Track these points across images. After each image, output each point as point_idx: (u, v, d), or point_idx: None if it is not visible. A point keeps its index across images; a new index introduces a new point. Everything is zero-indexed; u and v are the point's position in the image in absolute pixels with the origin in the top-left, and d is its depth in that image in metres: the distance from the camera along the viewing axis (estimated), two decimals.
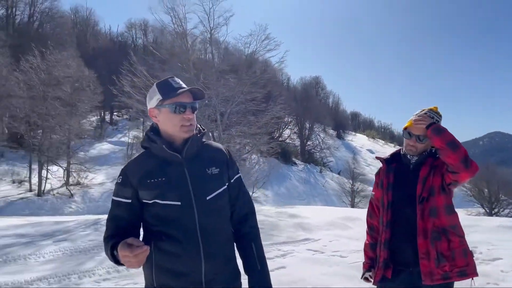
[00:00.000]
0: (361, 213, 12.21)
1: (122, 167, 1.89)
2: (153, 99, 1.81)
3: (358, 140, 69.98)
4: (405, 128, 2.48)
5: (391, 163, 2.58)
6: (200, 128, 1.90)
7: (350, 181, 37.94)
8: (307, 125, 54.54)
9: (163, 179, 1.74)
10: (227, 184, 1.88)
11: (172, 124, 1.77)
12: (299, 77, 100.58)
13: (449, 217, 2.33)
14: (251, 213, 1.97)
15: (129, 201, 1.77)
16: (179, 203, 1.72)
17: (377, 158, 2.70)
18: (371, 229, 2.66)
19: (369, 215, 2.70)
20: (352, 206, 35.01)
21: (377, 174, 2.65)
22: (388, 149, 69.72)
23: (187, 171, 1.77)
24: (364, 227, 2.86)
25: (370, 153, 63.40)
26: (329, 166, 51.55)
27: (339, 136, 66.24)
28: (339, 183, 40.90)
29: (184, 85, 1.81)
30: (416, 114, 2.48)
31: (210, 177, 1.81)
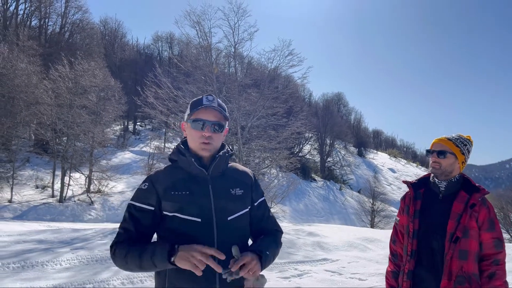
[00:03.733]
0: (381, 235, 11.92)
1: (145, 175, 1.87)
2: (186, 113, 1.83)
3: (380, 158, 68.92)
4: (428, 148, 2.46)
5: (419, 188, 2.48)
6: (228, 149, 1.88)
7: (370, 200, 37.23)
8: (328, 142, 54.17)
9: (187, 193, 1.71)
10: (249, 207, 1.85)
11: (192, 140, 1.79)
12: (321, 93, 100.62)
13: (476, 265, 2.25)
14: (276, 231, 1.94)
15: (152, 209, 1.72)
16: (199, 220, 1.68)
17: (404, 182, 2.61)
18: (394, 256, 2.55)
19: (393, 241, 2.59)
20: (372, 226, 34.28)
21: (403, 199, 2.55)
22: (410, 169, 68.42)
23: (211, 188, 1.75)
24: (384, 249, 2.79)
25: (392, 172, 62.32)
26: (349, 184, 50.86)
27: (360, 154, 65.44)
28: (359, 202, 40.21)
29: (216, 104, 1.79)
30: (445, 137, 2.43)
31: (234, 197, 1.78)
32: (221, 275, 1.62)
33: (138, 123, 46.48)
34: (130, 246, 1.66)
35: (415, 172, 66.96)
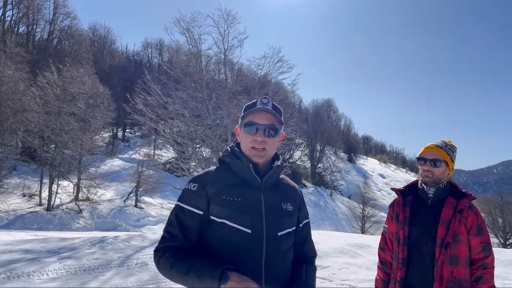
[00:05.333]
0: (371, 240, 11.93)
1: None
2: (240, 117, 1.73)
3: (370, 164, 69.37)
4: (417, 157, 2.48)
5: (407, 195, 2.50)
6: (283, 160, 1.77)
7: (361, 206, 37.39)
8: (318, 148, 54.43)
9: (239, 199, 1.60)
10: (296, 226, 1.75)
11: (244, 145, 1.67)
12: (311, 100, 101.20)
13: (467, 270, 2.27)
14: (313, 258, 1.86)
15: (201, 213, 1.60)
16: (249, 231, 1.57)
17: (393, 189, 2.62)
18: (384, 264, 2.56)
19: (382, 249, 2.60)
20: (362, 231, 34.39)
21: (391, 206, 2.57)
22: (399, 174, 68.89)
23: (263, 199, 1.64)
24: (374, 255, 2.78)
25: (382, 177, 62.74)
26: (339, 190, 51.05)
27: (350, 160, 65.82)
28: (350, 207, 40.37)
29: (271, 107, 1.68)
30: (435, 145, 2.46)
31: (285, 212, 1.68)
32: (266, 275, 1.57)
33: (127, 130, 46.18)
34: (176, 257, 1.54)
35: (405, 177, 67.47)
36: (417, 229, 2.36)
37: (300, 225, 1.78)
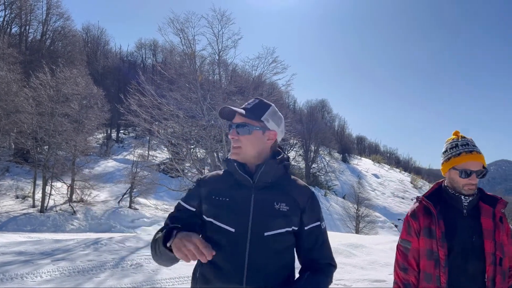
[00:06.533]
0: (366, 240, 12.00)
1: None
2: None
3: (364, 164, 69.60)
4: (454, 166, 2.07)
5: (434, 205, 2.10)
6: (283, 156, 1.72)
7: (355, 206, 37.52)
8: (313, 148, 54.57)
9: (226, 199, 1.63)
10: (293, 228, 1.65)
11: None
12: (306, 100, 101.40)
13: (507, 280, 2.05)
14: (328, 265, 1.71)
15: (194, 210, 1.69)
16: (232, 229, 1.58)
17: (419, 199, 2.20)
18: (407, 287, 2.12)
19: (403, 269, 2.13)
20: (357, 231, 34.52)
21: (416, 219, 2.11)
22: (393, 174, 69.15)
23: (253, 198, 1.63)
24: (369, 255, 2.74)
25: (376, 177, 62.96)
26: (334, 190, 51.19)
27: (344, 160, 66.02)
28: (344, 207, 40.49)
29: (251, 106, 1.71)
30: (476, 152, 2.12)
31: (276, 212, 1.62)
32: (248, 275, 1.55)
33: (121, 131, 46.01)
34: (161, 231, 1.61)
35: (399, 177, 67.82)
36: (458, 246, 2.00)
37: (305, 228, 1.67)
